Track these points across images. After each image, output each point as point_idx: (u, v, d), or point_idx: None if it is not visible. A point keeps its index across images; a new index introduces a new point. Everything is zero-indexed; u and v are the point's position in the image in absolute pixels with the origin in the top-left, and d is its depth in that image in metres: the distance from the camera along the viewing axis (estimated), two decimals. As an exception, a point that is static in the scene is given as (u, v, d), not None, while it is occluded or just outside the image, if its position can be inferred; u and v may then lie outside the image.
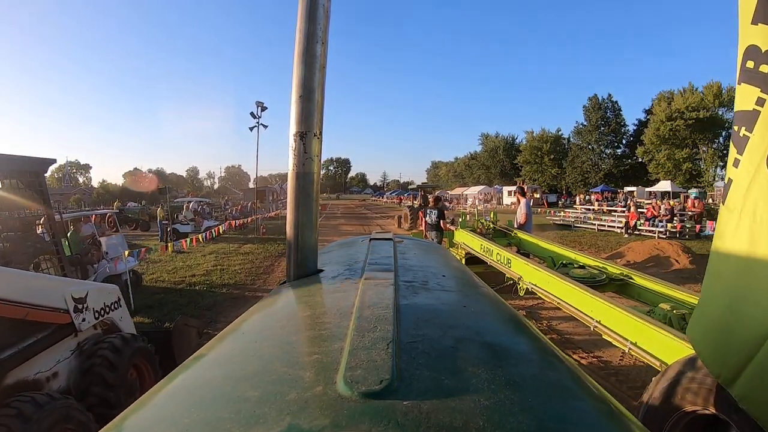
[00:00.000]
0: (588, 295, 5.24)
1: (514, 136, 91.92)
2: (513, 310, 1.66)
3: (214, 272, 14.27)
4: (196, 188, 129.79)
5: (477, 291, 1.88)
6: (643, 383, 5.71)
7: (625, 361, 6.51)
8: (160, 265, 15.68)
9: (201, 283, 12.77)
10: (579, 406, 0.96)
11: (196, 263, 16.03)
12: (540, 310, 9.04)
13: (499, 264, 7.51)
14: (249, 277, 13.72)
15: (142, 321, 9.05)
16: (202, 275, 13.81)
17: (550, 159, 75.79)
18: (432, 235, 11.03)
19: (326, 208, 61.67)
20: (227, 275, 13.84)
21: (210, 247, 20.10)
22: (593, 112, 71.43)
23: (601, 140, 70.84)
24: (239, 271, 14.58)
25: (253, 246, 20.86)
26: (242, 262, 16.16)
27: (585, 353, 6.94)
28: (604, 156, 71.67)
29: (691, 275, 12.78)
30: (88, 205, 66.17)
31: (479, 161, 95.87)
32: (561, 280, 5.81)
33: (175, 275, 13.87)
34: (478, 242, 8.55)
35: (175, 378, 1.08)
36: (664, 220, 22.11)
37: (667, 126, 57.89)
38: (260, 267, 15.45)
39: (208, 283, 12.67)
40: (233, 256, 17.60)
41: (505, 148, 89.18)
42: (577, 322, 5.85)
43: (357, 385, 0.80)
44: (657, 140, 59.26)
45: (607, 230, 24.86)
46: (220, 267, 15.18)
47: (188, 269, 14.84)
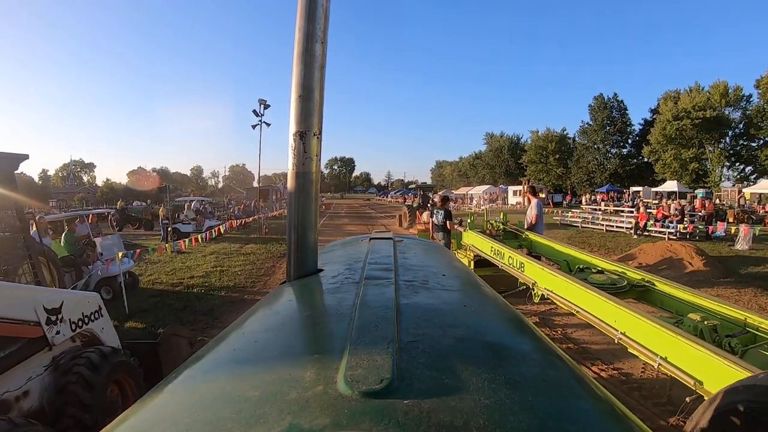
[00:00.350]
0: (611, 303, 4.81)
1: (519, 136, 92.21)
2: (513, 310, 1.65)
3: (214, 274, 13.86)
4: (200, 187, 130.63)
5: (477, 290, 1.87)
6: (669, 399, 5.33)
7: (647, 373, 6.07)
8: (159, 266, 15.30)
9: (199, 285, 12.35)
10: (579, 405, 0.96)
11: (195, 264, 15.65)
12: (553, 317, 8.60)
13: (511, 268, 7.07)
14: (249, 279, 13.30)
15: (134, 326, 8.67)
16: (200, 277, 13.40)
17: (555, 159, 75.55)
18: (439, 237, 10.62)
19: (330, 208, 61.56)
20: (227, 277, 13.42)
21: (211, 247, 19.75)
22: (599, 111, 71.23)
23: (607, 140, 70.63)
24: (239, 272, 14.15)
25: (255, 246, 20.47)
26: (243, 263, 15.74)
27: (604, 365, 6.50)
28: (609, 156, 71.33)
29: (705, 278, 12.36)
30: (92, 204, 66.26)
31: (484, 161, 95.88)
32: (580, 286, 5.38)
33: (173, 277, 13.48)
34: (488, 244, 8.11)
35: (176, 378, 1.08)
36: (674, 220, 21.60)
37: (673, 125, 57.46)
38: (261, 268, 15.02)
39: (207, 286, 12.26)
40: (234, 257, 17.20)
41: (510, 148, 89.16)
42: (593, 329, 5.47)
43: (358, 385, 0.81)
44: (663, 140, 58.92)
45: (615, 231, 24.35)
46: (219, 268, 14.77)
47: (187, 270, 14.45)
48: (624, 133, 71.11)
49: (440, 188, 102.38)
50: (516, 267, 6.89)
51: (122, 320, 8.92)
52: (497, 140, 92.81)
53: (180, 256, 17.21)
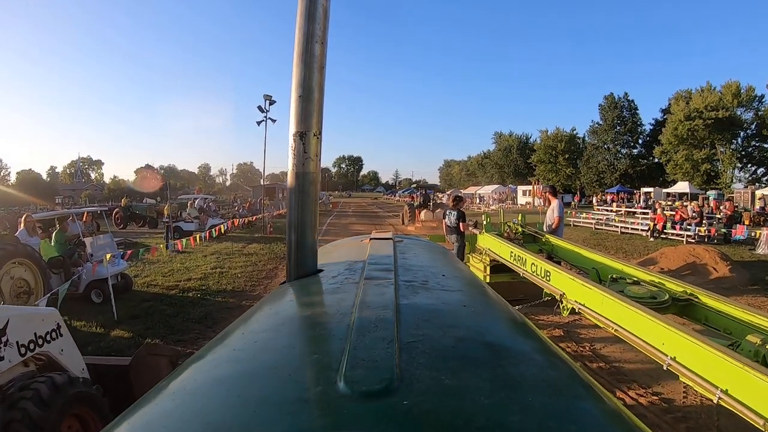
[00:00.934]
0: (657, 322, 4.09)
1: (528, 135, 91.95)
2: (513, 310, 1.65)
3: (212, 276, 13.19)
4: (207, 185, 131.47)
5: (477, 291, 1.87)
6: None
7: (690, 398, 5.37)
8: (158, 266, 14.64)
9: (196, 288, 11.68)
10: (579, 405, 0.95)
11: (195, 265, 14.99)
12: (578, 329, 7.85)
13: (534, 276, 6.34)
14: (249, 282, 12.60)
15: (121, 335, 8.01)
16: (198, 279, 12.74)
17: (564, 158, 74.92)
18: (452, 239, 9.92)
19: (337, 206, 61.24)
20: (226, 280, 12.75)
21: (213, 247, 19.19)
22: (609, 111, 70.70)
23: (617, 140, 69.92)
24: (239, 274, 13.48)
25: (258, 246, 19.86)
26: (244, 265, 15.06)
27: (641, 389, 5.74)
28: (620, 156, 70.57)
29: (732, 286, 11.64)
30: (99, 201, 66.28)
31: (492, 160, 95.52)
32: (617, 300, 4.64)
33: (170, 278, 12.81)
34: (507, 249, 7.37)
35: (176, 378, 1.06)
36: (693, 223, 20.80)
37: (685, 125, 57.09)
38: (262, 270, 14.35)
39: (204, 289, 11.58)
40: (235, 258, 16.53)
41: (519, 147, 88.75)
42: (624, 344, 4.88)
43: (357, 385, 0.80)
44: (675, 140, 58.32)
45: (630, 233, 23.54)
46: (219, 270, 14.10)
47: (185, 272, 13.78)
48: (634, 133, 70.45)
49: (448, 187, 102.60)
50: (540, 275, 6.16)
51: (109, 327, 8.32)
52: (506, 139, 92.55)
53: (180, 256, 16.63)
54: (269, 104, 26.07)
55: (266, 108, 26.12)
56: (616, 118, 69.76)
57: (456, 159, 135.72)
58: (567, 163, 75.03)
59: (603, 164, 70.34)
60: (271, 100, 26.03)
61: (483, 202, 60.06)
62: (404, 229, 27.01)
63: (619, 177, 67.38)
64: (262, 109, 26.08)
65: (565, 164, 74.91)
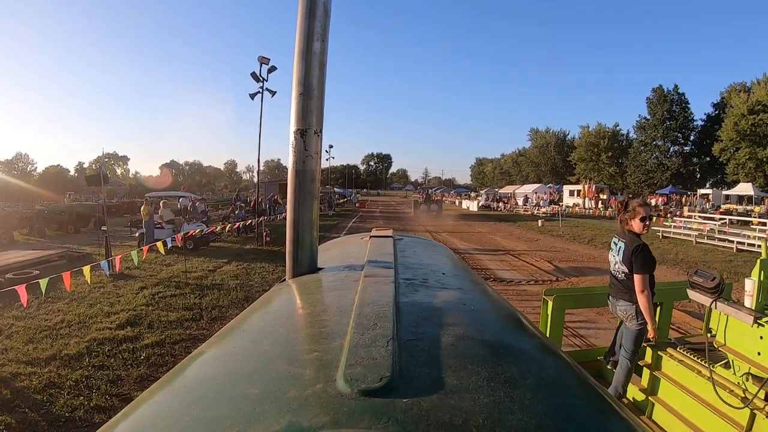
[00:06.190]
0: None
1: (565, 132, 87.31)
2: (513, 308, 1.61)
3: (99, 352, 7.43)
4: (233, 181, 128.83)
5: (477, 289, 1.82)
6: None
7: None
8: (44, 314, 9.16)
9: (49, 385, 6.00)
10: (579, 403, 0.93)
11: (107, 310, 9.33)
12: None
13: None
14: (159, 371, 6.68)
15: None
16: (72, 357, 6.93)
17: (607, 156, 69.44)
18: (620, 310, 4.10)
19: (365, 206, 56.59)
20: (122, 363, 7.01)
21: (175, 267, 13.92)
22: (658, 105, 64.59)
23: (668, 136, 63.53)
24: (145, 356, 7.53)
25: (240, 267, 14.34)
26: (178, 319, 9.13)
27: None
28: (670, 154, 64.17)
29: None
30: (116, 197, 64.58)
31: (528, 158, 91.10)
32: None
33: (39, 346, 7.22)
34: None
35: (175, 376, 1.05)
36: None
37: (748, 120, 51.09)
38: (209, 335, 8.46)
39: (53, 392, 5.69)
40: (183, 296, 10.72)
41: (557, 144, 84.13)
42: None
43: (357, 383, 0.79)
44: (737, 136, 52.08)
45: (747, 250, 17.59)
46: (130, 330, 8.32)
47: (77, 327, 8.16)
48: (686, 129, 63.99)
49: (481, 187, 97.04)
50: None
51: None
52: (543, 136, 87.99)
53: (113, 284, 11.43)
54: (268, 72, 20.29)
55: (263, 77, 20.36)
56: (665, 113, 63.33)
57: (489, 157, 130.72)
58: (610, 162, 69.41)
59: (652, 162, 64.20)
60: (271, 66, 20.23)
61: (530, 202, 52.26)
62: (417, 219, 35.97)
63: (670, 177, 61.44)
64: (257, 77, 20.27)
65: (608, 162, 69.30)
